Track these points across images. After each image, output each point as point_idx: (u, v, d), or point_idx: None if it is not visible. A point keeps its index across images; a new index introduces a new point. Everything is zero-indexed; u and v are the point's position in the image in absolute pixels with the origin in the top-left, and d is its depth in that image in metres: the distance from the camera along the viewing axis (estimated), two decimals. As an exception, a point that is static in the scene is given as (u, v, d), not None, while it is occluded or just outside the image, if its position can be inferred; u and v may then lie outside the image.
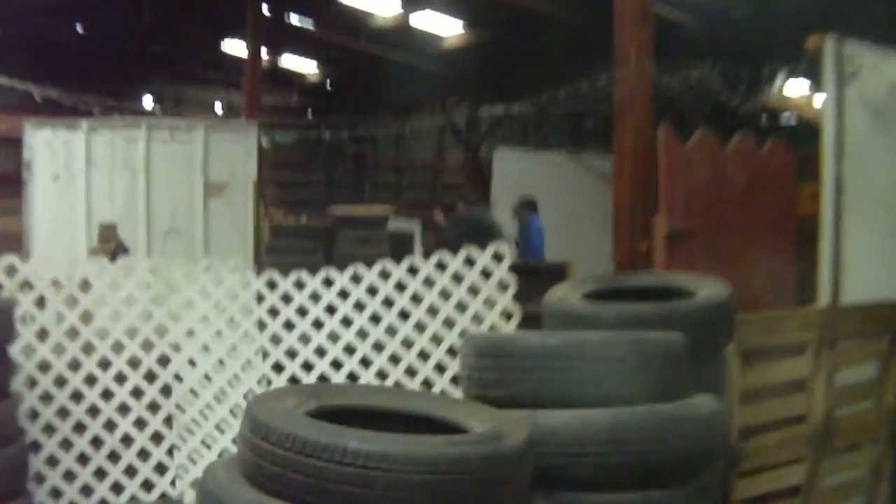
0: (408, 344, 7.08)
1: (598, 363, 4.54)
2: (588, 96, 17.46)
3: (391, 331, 7.12)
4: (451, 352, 6.96)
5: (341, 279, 7.40)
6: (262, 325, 7.28)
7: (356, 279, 7.40)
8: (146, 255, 13.64)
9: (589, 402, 4.47)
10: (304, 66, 26.98)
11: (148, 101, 28.40)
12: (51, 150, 13.62)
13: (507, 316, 7.08)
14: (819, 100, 9.86)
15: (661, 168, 9.51)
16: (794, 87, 17.12)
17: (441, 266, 7.20)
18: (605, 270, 18.02)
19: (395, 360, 7.08)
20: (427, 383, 7.05)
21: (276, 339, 7.22)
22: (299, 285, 7.48)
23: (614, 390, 4.51)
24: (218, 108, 29.00)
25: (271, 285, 7.44)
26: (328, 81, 27.94)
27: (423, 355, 7.07)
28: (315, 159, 24.94)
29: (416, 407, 4.38)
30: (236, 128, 14.85)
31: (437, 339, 7.07)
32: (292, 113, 26.80)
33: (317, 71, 27.33)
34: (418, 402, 4.53)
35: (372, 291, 7.24)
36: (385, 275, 7.32)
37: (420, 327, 7.11)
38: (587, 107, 18.33)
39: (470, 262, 7.20)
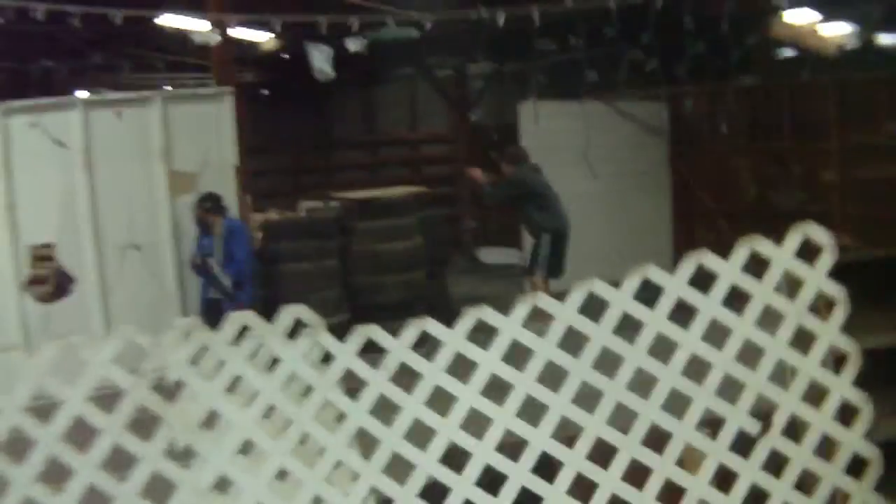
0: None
1: None
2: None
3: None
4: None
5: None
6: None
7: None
8: (97, 282, 9.93)
9: None
10: (256, 35, 23.02)
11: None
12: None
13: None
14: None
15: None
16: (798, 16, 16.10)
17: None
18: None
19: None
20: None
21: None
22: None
23: None
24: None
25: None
26: (284, 52, 24.05)
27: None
28: (277, 143, 21.12)
29: None
30: (204, 98, 11.03)
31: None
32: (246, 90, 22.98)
33: (271, 40, 23.40)
34: None
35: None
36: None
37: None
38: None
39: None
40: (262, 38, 22.12)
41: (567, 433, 4.29)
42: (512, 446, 4.21)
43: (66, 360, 3.70)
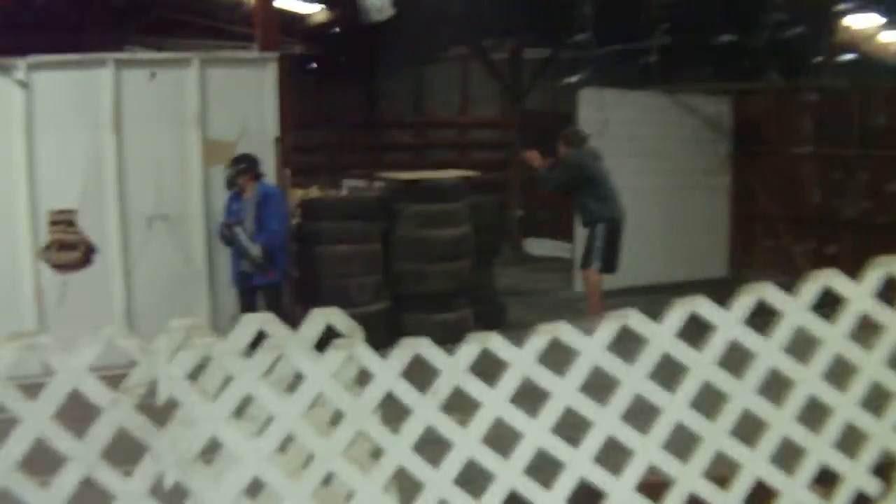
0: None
1: None
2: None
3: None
4: None
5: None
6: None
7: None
8: (120, 254, 9.23)
9: None
10: (305, 6, 22.24)
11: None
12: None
13: None
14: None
15: None
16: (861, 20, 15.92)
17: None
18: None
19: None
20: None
21: None
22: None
23: None
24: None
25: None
26: (334, 25, 23.24)
27: None
28: (323, 119, 20.35)
29: None
30: (246, 62, 10.20)
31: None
32: (294, 63, 22.20)
33: (321, 12, 22.61)
34: None
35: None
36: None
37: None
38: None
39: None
40: (312, 9, 21.47)
41: (655, 477, 3.46)
42: (588, 496, 3.39)
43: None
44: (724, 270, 15.49)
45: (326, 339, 3.27)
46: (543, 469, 3.37)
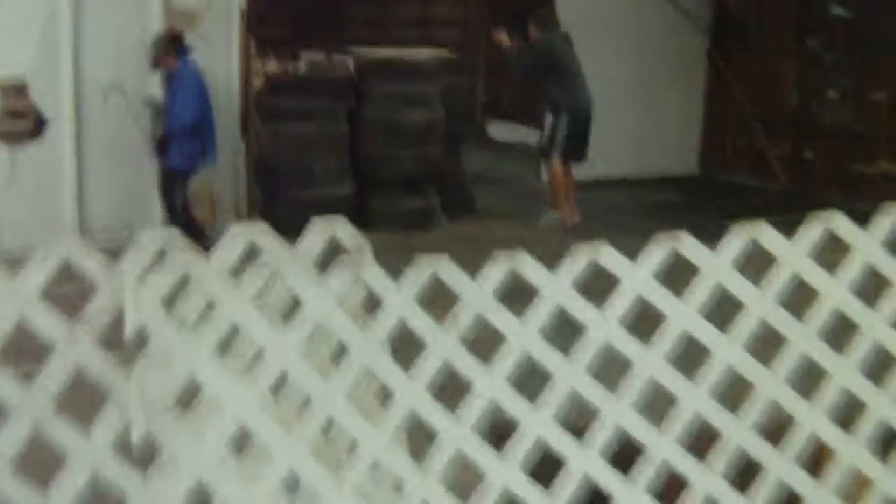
0: None
1: None
2: None
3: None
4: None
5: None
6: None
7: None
8: (73, 126, 8.56)
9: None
10: None
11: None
12: None
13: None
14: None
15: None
16: None
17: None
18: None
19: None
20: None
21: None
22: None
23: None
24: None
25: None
26: None
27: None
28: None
29: None
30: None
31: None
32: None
33: None
34: None
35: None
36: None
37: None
38: None
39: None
40: None
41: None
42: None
43: None
44: (694, 168, 15.07)
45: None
46: (576, 418, 2.87)
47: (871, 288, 3.11)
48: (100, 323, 2.30)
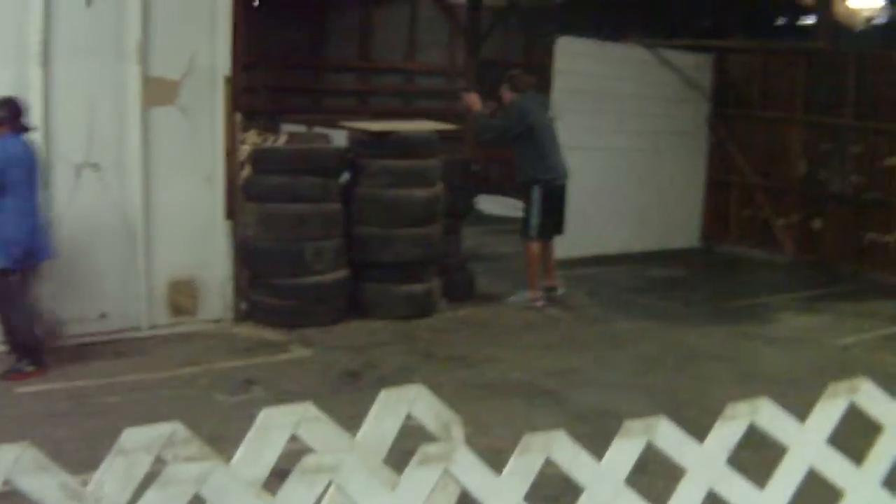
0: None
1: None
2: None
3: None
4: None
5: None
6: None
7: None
8: (43, 205, 7.90)
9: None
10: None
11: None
12: None
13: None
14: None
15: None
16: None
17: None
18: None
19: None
20: None
21: None
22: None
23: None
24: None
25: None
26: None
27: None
28: (263, 58, 18.85)
29: None
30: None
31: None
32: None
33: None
34: None
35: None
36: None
37: None
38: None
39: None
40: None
41: None
42: None
43: None
44: (696, 240, 14.61)
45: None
46: None
47: None
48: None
